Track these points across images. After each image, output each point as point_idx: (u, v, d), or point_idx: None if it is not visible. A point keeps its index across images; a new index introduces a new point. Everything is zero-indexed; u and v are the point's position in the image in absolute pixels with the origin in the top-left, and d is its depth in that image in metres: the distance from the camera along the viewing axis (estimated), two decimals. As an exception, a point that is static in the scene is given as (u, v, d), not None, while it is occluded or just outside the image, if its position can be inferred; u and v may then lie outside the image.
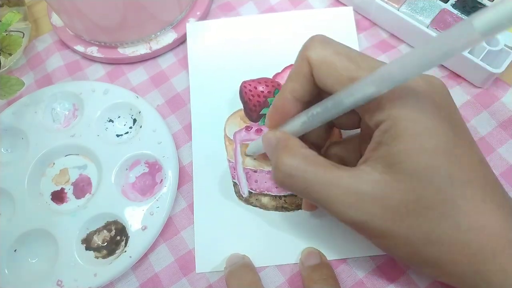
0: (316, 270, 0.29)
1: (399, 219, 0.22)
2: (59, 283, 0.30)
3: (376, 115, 0.22)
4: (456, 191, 0.21)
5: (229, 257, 0.30)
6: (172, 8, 0.37)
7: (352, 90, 0.21)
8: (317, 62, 0.24)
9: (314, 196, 0.23)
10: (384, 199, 0.22)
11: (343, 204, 0.22)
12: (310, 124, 0.25)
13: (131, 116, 0.36)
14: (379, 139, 0.22)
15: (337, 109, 0.23)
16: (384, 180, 0.22)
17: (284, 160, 0.24)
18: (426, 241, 0.22)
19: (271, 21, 0.38)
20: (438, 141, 0.21)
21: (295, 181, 0.23)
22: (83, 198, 0.33)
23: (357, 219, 0.22)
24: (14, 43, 0.34)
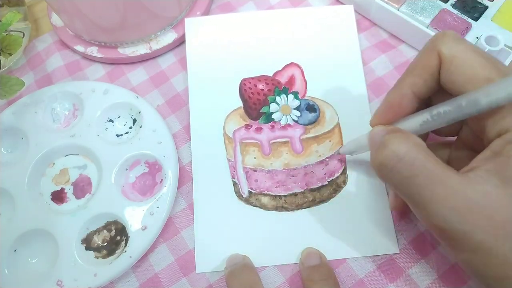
0: (316, 270, 0.29)
1: (504, 238, 0.20)
2: (59, 283, 0.30)
3: (503, 122, 0.21)
4: None
5: (229, 258, 0.30)
6: (172, 8, 0.37)
7: (494, 89, 0.20)
8: (450, 57, 0.22)
9: (413, 190, 0.21)
10: (493, 213, 0.20)
11: (446, 206, 0.20)
12: (432, 124, 0.23)
13: (131, 116, 0.36)
14: (499, 148, 0.21)
15: (472, 109, 0.21)
16: (497, 194, 0.20)
17: (395, 140, 0.22)
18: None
19: (271, 18, 0.38)
20: None
21: (400, 165, 0.21)
22: (83, 198, 0.33)
23: (457, 227, 0.20)
24: (14, 43, 0.34)
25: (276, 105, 0.34)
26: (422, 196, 0.21)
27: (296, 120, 0.34)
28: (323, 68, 0.36)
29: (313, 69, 0.36)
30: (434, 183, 0.21)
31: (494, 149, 0.21)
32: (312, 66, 0.36)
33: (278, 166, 0.33)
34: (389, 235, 0.31)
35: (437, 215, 0.21)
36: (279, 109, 0.34)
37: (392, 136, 0.22)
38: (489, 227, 0.20)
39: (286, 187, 0.32)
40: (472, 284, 0.29)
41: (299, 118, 0.34)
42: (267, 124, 0.34)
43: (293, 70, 0.36)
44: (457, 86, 0.22)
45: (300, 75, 0.36)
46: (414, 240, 0.30)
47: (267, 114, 0.34)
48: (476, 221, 0.20)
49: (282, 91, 0.35)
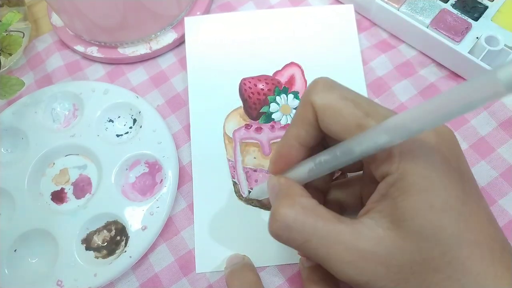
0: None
1: (404, 281, 0.20)
2: (59, 283, 0.30)
3: (383, 167, 0.21)
4: (464, 252, 0.20)
5: (229, 258, 0.30)
6: (172, 8, 0.37)
7: (363, 138, 0.20)
8: (322, 107, 0.22)
9: (312, 252, 0.22)
10: (388, 258, 0.20)
11: (343, 262, 0.21)
12: (317, 171, 0.23)
13: (131, 116, 0.36)
14: (384, 191, 0.21)
15: (346, 158, 0.21)
16: (388, 238, 0.20)
17: (281, 210, 0.22)
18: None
19: (271, 18, 0.38)
20: (446, 199, 0.20)
21: (292, 233, 0.22)
22: (83, 198, 0.33)
23: (359, 279, 0.21)
24: (14, 43, 0.34)
25: (276, 105, 0.34)
26: (320, 256, 0.21)
27: (296, 120, 0.34)
28: (323, 68, 0.36)
29: (313, 68, 0.36)
30: (327, 243, 0.21)
31: (381, 191, 0.21)
32: (312, 65, 0.36)
33: (278, 166, 0.33)
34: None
35: (337, 271, 0.21)
36: (279, 109, 0.34)
37: (280, 204, 0.22)
38: (387, 273, 0.20)
39: (286, 187, 0.32)
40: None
41: (299, 118, 0.34)
42: (267, 124, 0.34)
43: (293, 70, 0.36)
44: (335, 134, 0.22)
45: (300, 74, 0.36)
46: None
47: (267, 114, 0.34)
48: (373, 270, 0.20)
49: (282, 91, 0.35)
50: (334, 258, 0.21)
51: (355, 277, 0.21)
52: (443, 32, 0.34)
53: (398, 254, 0.20)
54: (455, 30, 0.34)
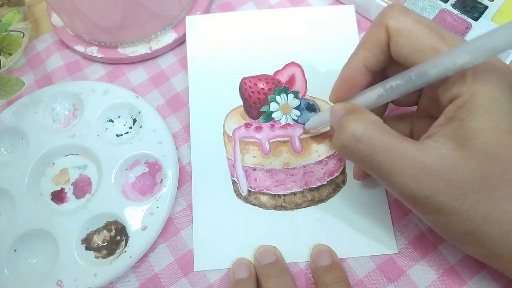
0: (328, 272, 0.28)
1: (463, 196, 0.21)
2: (59, 283, 0.30)
3: (454, 88, 0.22)
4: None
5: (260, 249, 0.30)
6: (172, 8, 0.37)
7: (441, 59, 0.21)
8: (397, 30, 0.23)
9: (375, 165, 0.23)
10: (451, 175, 0.21)
11: (405, 176, 0.22)
12: (387, 97, 0.24)
13: (131, 116, 0.36)
14: (452, 114, 0.22)
15: (421, 81, 0.22)
16: (452, 156, 0.21)
17: (352, 122, 0.23)
18: (486, 220, 0.21)
19: (272, 18, 0.38)
20: (511, 121, 0.21)
21: (360, 145, 0.23)
22: (83, 198, 0.33)
23: (418, 193, 0.22)
24: (14, 43, 0.34)
25: (276, 104, 0.34)
26: (384, 169, 0.22)
27: (296, 119, 0.34)
28: (323, 68, 0.36)
29: (313, 68, 0.36)
30: (393, 157, 0.22)
31: (448, 114, 0.22)
32: (313, 65, 0.36)
33: (278, 165, 0.33)
34: (388, 235, 0.31)
35: (399, 185, 0.22)
36: (279, 108, 0.34)
37: (349, 118, 0.23)
38: (448, 188, 0.21)
39: (285, 186, 0.32)
40: (472, 284, 0.29)
41: (299, 118, 0.34)
42: (267, 123, 0.34)
43: (294, 70, 0.36)
44: (406, 57, 0.23)
45: (301, 74, 0.36)
46: (414, 240, 0.30)
47: (267, 113, 0.34)
48: (435, 185, 0.21)
49: (282, 90, 0.35)
50: (398, 171, 0.22)
51: (416, 191, 0.22)
52: (443, 32, 0.34)
53: (461, 171, 0.21)
54: (455, 30, 0.34)
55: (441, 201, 0.22)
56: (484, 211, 0.21)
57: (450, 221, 0.22)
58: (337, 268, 0.29)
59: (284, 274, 0.29)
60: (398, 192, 0.23)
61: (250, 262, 0.30)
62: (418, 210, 0.23)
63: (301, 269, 0.30)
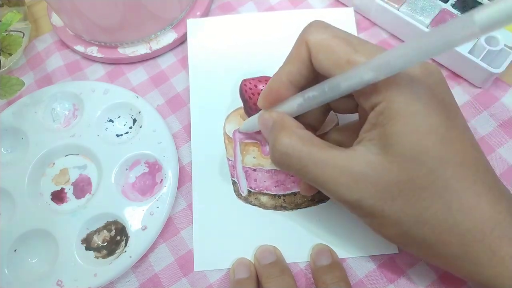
0: (328, 272, 0.29)
1: (391, 199, 0.22)
2: (59, 283, 0.30)
3: (372, 98, 0.23)
4: (448, 172, 0.22)
5: (260, 249, 0.30)
6: (172, 8, 0.37)
7: (350, 74, 0.22)
8: (316, 45, 0.24)
9: (309, 176, 0.24)
10: (377, 179, 0.22)
11: (337, 184, 0.23)
12: (306, 106, 0.25)
13: (131, 116, 0.36)
14: (374, 121, 0.23)
15: (334, 93, 0.23)
16: (377, 161, 0.22)
17: (281, 139, 0.24)
18: (417, 221, 0.22)
19: (272, 20, 0.38)
20: (431, 123, 0.22)
21: (291, 160, 0.24)
22: (83, 198, 0.33)
23: (350, 198, 0.23)
24: (14, 43, 0.34)
25: (276, 105, 0.34)
26: (317, 180, 0.24)
27: (296, 120, 0.34)
28: None
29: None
30: (324, 167, 0.23)
31: (371, 121, 0.23)
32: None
33: (278, 166, 0.33)
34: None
35: (333, 192, 0.23)
36: (279, 109, 0.34)
37: (279, 136, 0.24)
38: (375, 192, 0.22)
39: (285, 186, 0.32)
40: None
41: (299, 118, 0.34)
42: (267, 124, 0.34)
43: (293, 70, 0.36)
44: (327, 71, 0.24)
45: (300, 75, 0.36)
46: (414, 240, 0.30)
47: (267, 114, 0.34)
48: (364, 190, 0.22)
49: (282, 91, 0.35)
50: (329, 180, 0.23)
51: (348, 197, 0.23)
52: (443, 32, 0.34)
53: (386, 175, 0.22)
54: (455, 30, 0.34)
55: (371, 205, 0.23)
56: (414, 213, 0.22)
57: (382, 223, 0.23)
58: (337, 268, 0.29)
59: (284, 274, 0.29)
60: (334, 198, 0.24)
61: (250, 262, 0.30)
62: (355, 214, 0.24)
63: (301, 269, 0.30)
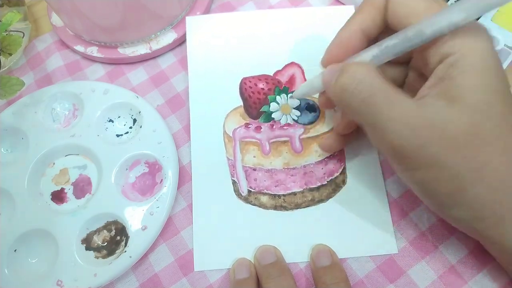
0: (327, 273, 0.28)
1: (455, 149, 0.22)
2: (59, 283, 0.30)
3: (444, 47, 0.22)
4: (509, 128, 0.22)
5: (260, 249, 0.30)
6: (172, 8, 0.37)
7: (437, 18, 0.21)
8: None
9: (372, 109, 0.23)
10: (444, 128, 0.22)
11: (402, 123, 0.22)
12: (382, 58, 0.24)
13: (131, 116, 0.36)
14: (443, 73, 0.22)
15: (418, 39, 0.22)
16: (446, 112, 0.22)
17: (354, 65, 0.23)
18: (475, 176, 0.22)
19: (272, 18, 0.38)
20: (498, 82, 0.22)
21: (360, 87, 0.23)
22: (83, 198, 0.33)
23: (412, 142, 0.22)
24: (14, 43, 0.34)
25: (276, 104, 0.34)
26: (380, 114, 0.23)
27: (296, 119, 0.34)
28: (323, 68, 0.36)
29: (313, 68, 0.36)
30: (391, 102, 0.22)
31: (438, 74, 0.23)
32: (313, 66, 0.36)
33: (278, 165, 0.33)
34: (388, 235, 0.31)
35: (393, 132, 0.22)
36: (279, 108, 0.34)
37: (351, 63, 0.24)
38: (441, 140, 0.22)
39: (285, 186, 0.32)
40: (472, 284, 0.29)
41: (299, 118, 0.34)
42: (267, 123, 0.34)
43: (294, 70, 0.36)
44: (402, 19, 0.24)
45: (301, 74, 0.36)
46: (414, 240, 0.30)
47: (267, 113, 0.34)
48: (429, 136, 0.22)
49: (282, 91, 0.35)
50: (395, 117, 0.22)
51: (410, 140, 0.22)
52: (443, 32, 0.34)
53: (453, 125, 0.22)
54: (455, 30, 0.34)
55: (433, 153, 0.22)
56: (474, 167, 0.22)
57: (438, 178, 0.22)
58: (337, 269, 0.29)
59: (284, 274, 0.29)
60: (389, 141, 0.23)
61: (250, 262, 0.30)
62: (407, 165, 0.23)
63: (301, 269, 0.30)
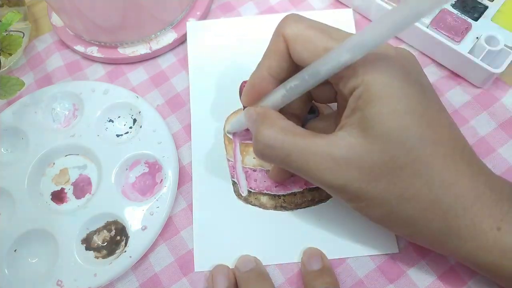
0: (317, 277, 0.28)
1: (375, 180, 0.23)
2: (59, 283, 0.30)
3: (350, 82, 0.23)
4: (427, 150, 0.22)
5: (241, 259, 0.30)
6: (172, 8, 0.37)
7: (327, 59, 0.22)
8: (292, 36, 0.24)
9: (293, 165, 0.24)
10: (360, 162, 0.23)
11: (321, 170, 0.23)
12: (289, 96, 0.25)
13: (131, 116, 0.36)
14: (354, 105, 0.23)
15: (314, 79, 0.23)
16: (359, 144, 0.23)
17: (263, 131, 0.25)
18: (401, 200, 0.23)
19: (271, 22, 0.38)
20: (408, 103, 0.22)
21: (275, 151, 0.24)
22: (83, 198, 0.33)
23: (335, 183, 0.23)
24: (14, 43, 0.34)
25: (276, 105, 0.34)
26: (301, 168, 0.24)
27: (296, 120, 0.34)
28: None
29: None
30: (307, 155, 0.24)
31: (351, 106, 0.23)
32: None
33: (278, 166, 0.33)
34: (389, 234, 0.30)
35: (319, 179, 0.24)
36: (279, 109, 0.34)
37: (261, 128, 0.25)
38: (359, 175, 0.23)
39: (285, 186, 0.32)
40: (472, 284, 0.29)
41: (299, 118, 0.34)
42: (267, 124, 0.34)
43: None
44: (306, 61, 0.24)
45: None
46: (414, 240, 0.30)
47: (267, 114, 0.34)
48: (348, 174, 0.23)
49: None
50: (313, 167, 0.24)
51: (333, 182, 0.23)
52: (443, 32, 0.34)
53: (368, 156, 0.22)
54: (455, 30, 0.34)
55: (357, 188, 0.23)
56: (398, 192, 0.23)
57: (368, 205, 0.24)
58: (327, 273, 0.29)
59: (263, 279, 0.29)
60: (320, 185, 0.25)
61: (229, 270, 0.30)
62: (341, 199, 0.25)
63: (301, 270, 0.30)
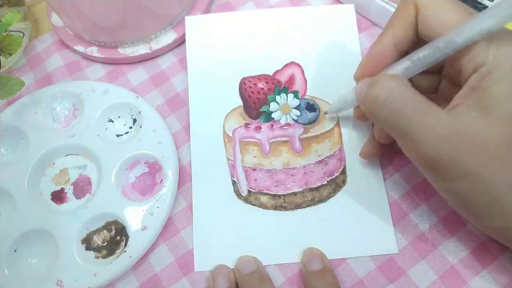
0: (318, 278, 0.28)
1: (489, 161, 0.21)
2: (59, 283, 0.30)
3: (477, 59, 0.22)
4: None
5: (241, 260, 0.30)
6: (172, 8, 0.37)
7: (467, 26, 0.21)
8: (425, 4, 0.24)
9: (403, 122, 0.23)
10: (477, 140, 0.21)
11: (434, 134, 0.22)
12: (414, 69, 0.24)
13: (131, 116, 0.36)
14: (476, 83, 0.22)
15: (449, 49, 0.22)
16: (479, 123, 0.22)
17: (385, 78, 0.24)
18: (511, 187, 0.21)
19: (272, 17, 0.38)
20: None
21: (391, 99, 0.23)
22: (83, 198, 0.33)
23: (445, 154, 0.22)
24: (14, 43, 0.34)
25: (276, 104, 0.34)
26: (411, 126, 0.22)
27: (296, 119, 0.34)
28: (323, 68, 0.36)
29: (313, 68, 0.36)
30: (422, 113, 0.22)
31: (472, 84, 0.22)
32: (312, 65, 0.36)
33: (278, 165, 0.33)
34: (388, 235, 0.30)
35: (425, 144, 0.22)
36: (279, 108, 0.34)
37: (380, 76, 0.24)
38: (474, 152, 0.21)
39: (285, 186, 0.32)
40: (472, 284, 0.29)
41: (299, 118, 0.34)
42: (266, 123, 0.34)
43: (293, 69, 0.36)
44: (433, 31, 0.24)
45: (300, 74, 0.36)
46: (414, 240, 0.30)
47: (266, 113, 0.34)
48: (462, 148, 0.21)
49: (282, 90, 0.35)
50: (426, 129, 0.22)
51: (443, 152, 0.22)
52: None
53: (486, 136, 0.21)
54: (455, 30, 0.34)
55: (467, 165, 0.21)
56: (509, 177, 0.21)
57: (473, 188, 0.22)
58: (328, 274, 0.29)
59: (265, 282, 0.29)
60: (421, 154, 0.23)
61: (230, 270, 0.30)
62: (440, 176, 0.23)
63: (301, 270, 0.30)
